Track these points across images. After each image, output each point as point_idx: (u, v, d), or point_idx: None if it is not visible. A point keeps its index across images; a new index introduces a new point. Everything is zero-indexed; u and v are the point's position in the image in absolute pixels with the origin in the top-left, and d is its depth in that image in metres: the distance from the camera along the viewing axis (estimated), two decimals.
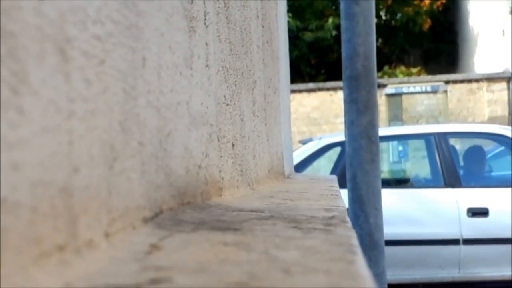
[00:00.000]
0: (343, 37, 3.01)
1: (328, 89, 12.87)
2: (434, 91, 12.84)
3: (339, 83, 11.43)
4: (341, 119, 3.61)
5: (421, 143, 5.88)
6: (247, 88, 1.51)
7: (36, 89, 0.49)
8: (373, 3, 3.02)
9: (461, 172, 5.30)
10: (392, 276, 4.42)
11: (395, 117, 12.75)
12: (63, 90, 0.53)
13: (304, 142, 6.06)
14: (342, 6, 3.01)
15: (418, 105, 12.93)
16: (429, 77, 13.68)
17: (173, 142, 0.87)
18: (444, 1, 17.69)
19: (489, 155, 5.98)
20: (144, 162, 0.74)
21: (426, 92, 12.87)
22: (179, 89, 0.91)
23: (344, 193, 2.30)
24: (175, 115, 0.89)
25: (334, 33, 16.19)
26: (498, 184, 5.15)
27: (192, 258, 0.58)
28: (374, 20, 3.06)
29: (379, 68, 12.91)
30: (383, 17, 18.28)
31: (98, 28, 0.61)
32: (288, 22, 4.26)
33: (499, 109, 12.44)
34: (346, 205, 2.74)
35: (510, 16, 13.60)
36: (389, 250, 3.38)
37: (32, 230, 0.47)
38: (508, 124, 11.01)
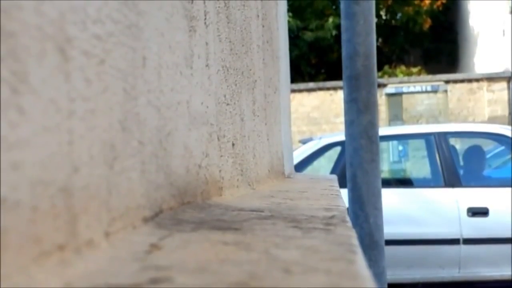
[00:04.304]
0: (343, 36, 3.01)
1: (328, 88, 12.87)
2: (434, 91, 12.84)
3: (339, 83, 11.43)
4: (341, 118, 3.61)
5: (421, 142, 5.88)
6: (247, 87, 1.51)
7: (36, 89, 0.49)
8: (373, 2, 3.02)
9: (461, 171, 5.30)
10: (392, 276, 4.42)
11: (395, 117, 12.75)
12: (63, 89, 0.54)
13: (304, 142, 6.06)
14: (342, 6, 3.01)
15: (418, 104, 12.93)
16: (429, 76, 13.68)
17: (173, 141, 0.87)
18: (444, 1, 17.68)
19: (489, 155, 5.97)
20: (144, 161, 0.74)
21: (426, 91, 12.87)
22: (179, 88, 0.91)
23: (344, 192, 2.30)
24: (175, 115, 0.89)
25: (334, 32, 16.20)
26: (498, 184, 5.15)
27: (192, 257, 0.58)
28: (374, 20, 3.06)
29: (379, 68, 12.90)
30: (383, 17, 18.29)
31: (98, 27, 0.61)
32: (288, 21, 4.26)
33: (499, 109, 12.44)
34: (346, 204, 2.74)
35: (510, 16, 13.60)
36: (389, 249, 3.39)
37: (32, 230, 0.47)
38: (508, 124, 11.01)
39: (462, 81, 12.79)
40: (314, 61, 17.87)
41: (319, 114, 12.76)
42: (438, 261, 4.78)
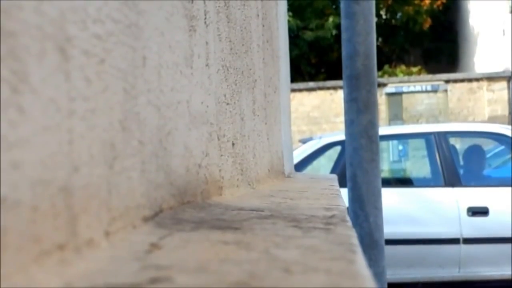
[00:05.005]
0: (344, 36, 3.01)
1: (328, 88, 12.87)
2: (434, 90, 12.84)
3: (339, 82, 11.42)
4: (341, 118, 3.61)
5: (421, 142, 5.88)
6: (247, 87, 1.51)
7: (36, 88, 0.49)
8: (373, 2, 3.02)
9: (461, 171, 5.30)
10: (392, 275, 4.42)
11: (395, 116, 12.75)
12: (63, 89, 0.53)
13: (304, 141, 6.05)
14: (342, 5, 3.01)
15: (418, 104, 12.93)
16: (429, 76, 13.68)
17: (173, 141, 0.87)
18: (444, 1, 17.68)
19: (489, 155, 5.97)
20: (144, 161, 0.74)
21: (426, 91, 12.87)
22: (179, 88, 0.91)
23: (344, 192, 2.30)
24: (175, 114, 0.89)
25: (334, 32, 16.19)
26: (498, 183, 5.15)
27: (192, 257, 0.58)
28: (375, 19, 3.06)
29: (379, 67, 12.90)
30: (384, 16, 18.28)
31: (98, 27, 0.61)
32: (288, 21, 4.26)
33: (499, 109, 12.44)
34: (346, 204, 2.74)
35: (510, 15, 13.60)
36: (389, 249, 3.39)
37: (32, 229, 0.47)
38: (508, 124, 11.01)
39: (462, 80, 12.79)
40: (314, 61, 17.86)
41: (319, 113, 12.76)
42: (438, 260, 4.79)
